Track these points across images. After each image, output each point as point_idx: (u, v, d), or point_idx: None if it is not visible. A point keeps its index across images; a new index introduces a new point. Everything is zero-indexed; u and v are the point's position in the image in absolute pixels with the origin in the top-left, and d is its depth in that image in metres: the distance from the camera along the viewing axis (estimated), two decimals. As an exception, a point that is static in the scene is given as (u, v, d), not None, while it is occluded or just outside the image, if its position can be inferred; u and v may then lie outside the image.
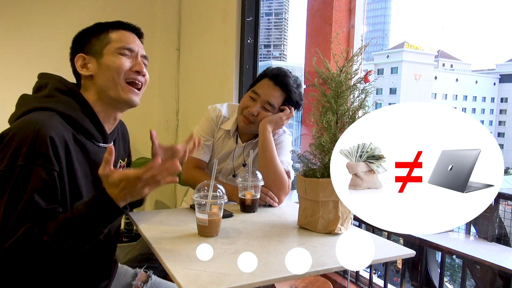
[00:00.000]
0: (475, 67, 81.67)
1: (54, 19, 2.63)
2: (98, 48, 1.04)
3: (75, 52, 1.05)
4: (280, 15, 58.38)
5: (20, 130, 0.87)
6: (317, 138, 1.16)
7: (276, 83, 1.48)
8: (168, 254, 0.94)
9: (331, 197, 1.11)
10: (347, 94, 1.15)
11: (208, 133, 1.60)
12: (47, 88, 1.00)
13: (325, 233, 1.14)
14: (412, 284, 2.47)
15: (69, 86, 1.01)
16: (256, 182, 1.33)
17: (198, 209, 1.07)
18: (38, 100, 0.97)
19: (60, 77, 1.03)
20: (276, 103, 1.49)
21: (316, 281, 1.60)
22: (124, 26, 1.08)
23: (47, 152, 0.86)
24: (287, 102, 1.51)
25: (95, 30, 1.06)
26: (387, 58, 37.27)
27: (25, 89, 1.05)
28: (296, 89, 1.50)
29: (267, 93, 1.48)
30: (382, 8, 64.93)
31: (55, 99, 0.97)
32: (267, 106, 1.49)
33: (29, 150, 0.85)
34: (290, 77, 1.50)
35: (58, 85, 1.00)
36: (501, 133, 38.79)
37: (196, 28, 2.87)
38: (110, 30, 1.06)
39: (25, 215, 0.83)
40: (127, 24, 1.09)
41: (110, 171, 0.85)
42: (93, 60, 1.03)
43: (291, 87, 1.49)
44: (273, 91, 1.48)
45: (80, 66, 1.04)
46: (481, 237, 2.25)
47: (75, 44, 1.07)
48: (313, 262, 0.93)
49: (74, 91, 1.01)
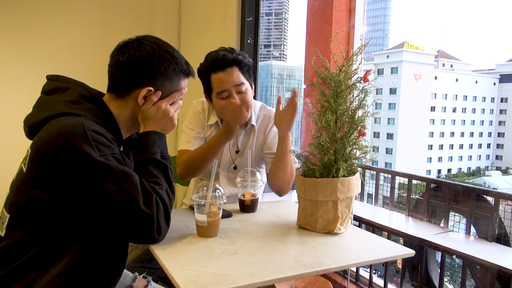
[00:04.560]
0: (475, 67, 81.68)
1: (54, 20, 2.62)
2: (166, 91, 1.06)
3: (144, 78, 1.03)
4: (280, 15, 58.43)
5: (69, 130, 0.90)
6: (316, 138, 1.16)
7: (224, 67, 1.41)
8: (167, 255, 0.94)
9: (330, 197, 1.11)
10: (346, 93, 1.14)
11: (198, 126, 1.57)
12: (70, 93, 1.00)
13: (325, 233, 1.14)
14: (412, 284, 2.47)
15: (93, 94, 1.03)
16: (255, 182, 1.33)
17: (197, 210, 1.07)
18: (64, 105, 0.97)
19: (81, 83, 1.04)
20: (241, 79, 1.43)
21: (316, 281, 1.60)
22: (192, 74, 1.12)
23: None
24: (244, 70, 1.44)
25: (172, 70, 1.05)
26: (387, 58, 37.25)
27: (25, 90, 1.05)
28: (236, 55, 1.43)
29: (229, 81, 1.42)
30: (382, 8, 64.92)
31: (81, 106, 0.98)
32: (239, 88, 1.43)
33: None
34: (224, 53, 1.43)
35: (82, 91, 1.01)
36: (501, 133, 38.75)
37: (196, 28, 2.87)
38: (183, 76, 1.09)
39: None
40: (193, 72, 1.13)
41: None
42: (153, 99, 1.05)
43: (234, 57, 1.42)
44: (229, 75, 1.42)
45: (142, 97, 1.03)
46: (481, 237, 2.25)
47: (149, 69, 1.03)
48: (313, 262, 0.93)
49: (98, 98, 1.02)
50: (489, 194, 2.28)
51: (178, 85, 1.08)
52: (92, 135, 0.90)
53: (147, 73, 1.03)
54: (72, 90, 1.01)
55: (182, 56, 1.09)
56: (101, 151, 0.90)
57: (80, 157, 0.87)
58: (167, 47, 1.06)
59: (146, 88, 1.03)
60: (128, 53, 1.02)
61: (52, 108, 0.96)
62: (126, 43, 1.05)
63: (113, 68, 1.04)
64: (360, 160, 1.19)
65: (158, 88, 1.05)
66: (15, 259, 0.91)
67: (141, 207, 0.91)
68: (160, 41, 1.07)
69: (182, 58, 1.09)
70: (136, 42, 1.04)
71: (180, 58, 1.07)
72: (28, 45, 2.56)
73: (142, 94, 1.03)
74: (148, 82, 1.03)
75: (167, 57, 1.04)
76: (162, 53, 1.04)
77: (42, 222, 0.92)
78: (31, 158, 0.92)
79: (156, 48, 1.04)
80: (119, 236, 0.99)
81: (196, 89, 1.44)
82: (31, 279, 0.91)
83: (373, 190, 3.12)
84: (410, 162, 32.90)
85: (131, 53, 1.02)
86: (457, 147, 38.25)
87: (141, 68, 1.02)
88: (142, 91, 1.03)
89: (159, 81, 1.04)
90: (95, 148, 0.89)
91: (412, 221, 2.65)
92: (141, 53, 1.02)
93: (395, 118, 35.31)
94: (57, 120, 0.93)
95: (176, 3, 3.00)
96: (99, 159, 0.88)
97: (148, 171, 1.00)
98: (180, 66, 1.07)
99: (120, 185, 0.90)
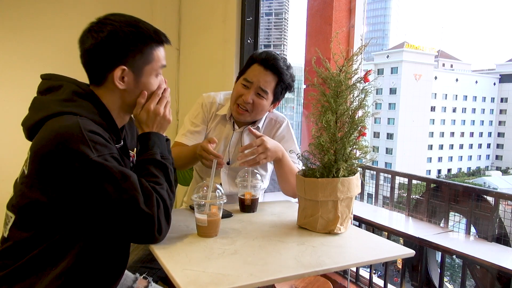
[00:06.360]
0: (475, 67, 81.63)
1: (54, 20, 2.62)
2: (140, 65, 1.01)
3: (115, 59, 0.99)
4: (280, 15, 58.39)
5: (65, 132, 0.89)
6: (316, 138, 1.16)
7: (267, 67, 1.45)
8: (167, 255, 0.94)
9: (330, 197, 1.11)
10: (347, 93, 1.14)
11: (199, 120, 1.57)
12: (63, 91, 0.98)
13: (325, 233, 1.14)
14: (412, 284, 2.47)
15: (86, 90, 1.00)
16: (255, 182, 1.33)
17: (197, 210, 1.07)
18: (58, 104, 0.96)
19: (74, 80, 1.01)
20: (269, 88, 1.47)
21: (316, 281, 1.60)
22: (165, 41, 1.06)
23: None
24: (279, 86, 1.49)
25: (140, 42, 1.00)
26: (387, 58, 37.21)
27: (25, 90, 1.05)
28: (287, 70, 1.48)
29: (259, 79, 1.45)
30: (382, 8, 64.86)
31: (75, 103, 0.96)
32: (261, 92, 1.46)
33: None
34: (280, 59, 1.47)
35: (75, 88, 0.99)
36: (501, 133, 38.72)
37: (196, 28, 2.87)
38: (154, 45, 1.03)
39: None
40: (166, 38, 1.06)
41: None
42: (130, 75, 1.01)
43: (282, 69, 1.46)
44: (265, 76, 1.45)
45: (119, 78, 0.99)
46: (481, 237, 2.25)
47: (115, 49, 0.98)
48: (313, 262, 0.93)
49: (92, 95, 1.00)
50: (489, 194, 2.28)
51: (151, 56, 1.02)
52: (89, 135, 0.89)
53: (115, 53, 0.98)
54: (65, 87, 0.99)
55: (150, 26, 1.03)
56: (98, 151, 0.89)
57: (78, 158, 0.87)
58: (130, 20, 1.01)
59: (119, 68, 0.99)
60: (92, 38, 0.98)
61: (46, 109, 0.95)
62: (88, 29, 1.00)
63: (83, 59, 1.01)
64: (360, 160, 1.19)
65: (132, 65, 1.00)
66: (18, 259, 0.92)
67: (142, 207, 0.91)
68: (123, 16, 1.02)
69: (150, 28, 1.03)
70: (97, 25, 0.99)
71: (147, 28, 1.02)
72: (28, 45, 2.56)
73: (116, 76, 0.99)
74: (120, 62, 0.99)
75: (131, 31, 0.99)
76: (125, 28, 0.98)
77: (44, 223, 0.92)
78: (31, 160, 0.92)
79: (117, 25, 0.98)
80: (120, 236, 0.99)
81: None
82: (33, 279, 0.91)
83: (373, 190, 3.12)
84: (410, 162, 32.88)
85: (94, 37, 0.98)
86: (457, 147, 38.22)
87: (107, 50, 0.98)
88: (116, 73, 0.99)
89: (130, 58, 0.99)
90: (92, 148, 0.88)
91: (412, 221, 2.65)
92: (103, 34, 0.97)
93: (395, 118, 35.28)
94: (54, 121, 0.92)
95: (176, 3, 3.00)
96: (97, 159, 0.88)
97: (149, 171, 1.00)
98: (148, 36, 1.01)
99: (119, 186, 0.90)
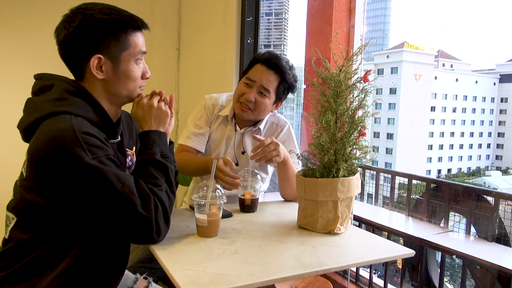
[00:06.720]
0: (475, 67, 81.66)
1: (54, 20, 2.60)
2: (117, 52, 0.98)
3: (89, 49, 0.96)
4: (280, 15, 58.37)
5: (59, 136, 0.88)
6: (316, 138, 1.16)
7: (270, 66, 1.48)
8: (167, 255, 0.94)
9: (330, 197, 1.11)
10: (347, 93, 1.14)
11: (202, 121, 1.59)
12: (55, 90, 0.97)
13: (325, 233, 1.14)
14: (412, 284, 2.47)
15: (77, 87, 0.98)
16: (255, 182, 1.33)
17: (197, 210, 1.07)
18: (50, 104, 0.94)
19: (64, 77, 1.00)
20: (271, 87, 1.49)
21: (316, 281, 1.60)
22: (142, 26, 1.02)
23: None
24: (282, 85, 1.51)
25: (114, 29, 0.97)
26: (387, 58, 37.20)
27: (25, 90, 1.04)
28: (290, 70, 1.51)
29: (262, 78, 1.48)
30: (382, 8, 64.86)
31: (67, 101, 0.95)
32: (263, 91, 1.49)
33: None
34: (282, 59, 1.50)
35: (66, 86, 0.97)
36: (501, 133, 38.70)
37: (196, 28, 2.87)
38: (130, 31, 0.99)
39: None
40: (143, 23, 1.03)
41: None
42: (108, 64, 0.98)
43: (285, 69, 1.49)
44: (268, 75, 1.48)
45: (96, 67, 0.97)
46: (481, 237, 2.25)
47: (88, 37, 0.95)
48: (313, 262, 0.93)
49: (83, 91, 0.99)
50: (489, 194, 2.28)
51: (128, 42, 0.99)
52: (83, 137, 0.88)
53: (88, 42, 0.96)
54: (56, 86, 0.97)
55: (125, 12, 1.00)
56: (93, 153, 0.88)
57: (72, 161, 0.86)
58: (103, 7, 0.98)
59: (94, 57, 0.96)
60: (64, 29, 0.96)
61: (40, 109, 0.94)
62: (61, 21, 0.98)
63: (60, 52, 0.99)
64: (360, 160, 1.19)
65: (108, 52, 0.97)
66: (19, 260, 0.92)
67: (139, 210, 0.90)
68: (97, 4, 0.99)
69: (125, 13, 1.00)
70: (69, 15, 0.97)
71: (121, 14, 0.99)
72: (28, 45, 2.56)
73: (93, 65, 0.97)
74: (95, 51, 0.96)
75: (104, 18, 0.96)
76: (97, 15, 0.95)
77: (44, 224, 0.92)
78: (28, 163, 0.92)
79: (88, 14, 0.95)
80: (118, 237, 0.99)
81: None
82: (34, 279, 0.91)
83: (373, 190, 3.12)
84: (410, 162, 32.87)
85: (66, 27, 0.95)
86: (457, 147, 38.21)
87: (80, 39, 0.95)
88: (92, 62, 0.96)
89: (105, 45, 0.97)
90: (87, 151, 0.87)
91: (412, 221, 2.65)
92: (75, 24, 0.94)
93: (395, 118, 35.27)
94: (48, 123, 0.91)
95: (176, 3, 3.00)
96: (92, 162, 0.87)
97: (148, 172, 1.00)
98: (122, 22, 0.98)
99: (115, 190, 0.89)
